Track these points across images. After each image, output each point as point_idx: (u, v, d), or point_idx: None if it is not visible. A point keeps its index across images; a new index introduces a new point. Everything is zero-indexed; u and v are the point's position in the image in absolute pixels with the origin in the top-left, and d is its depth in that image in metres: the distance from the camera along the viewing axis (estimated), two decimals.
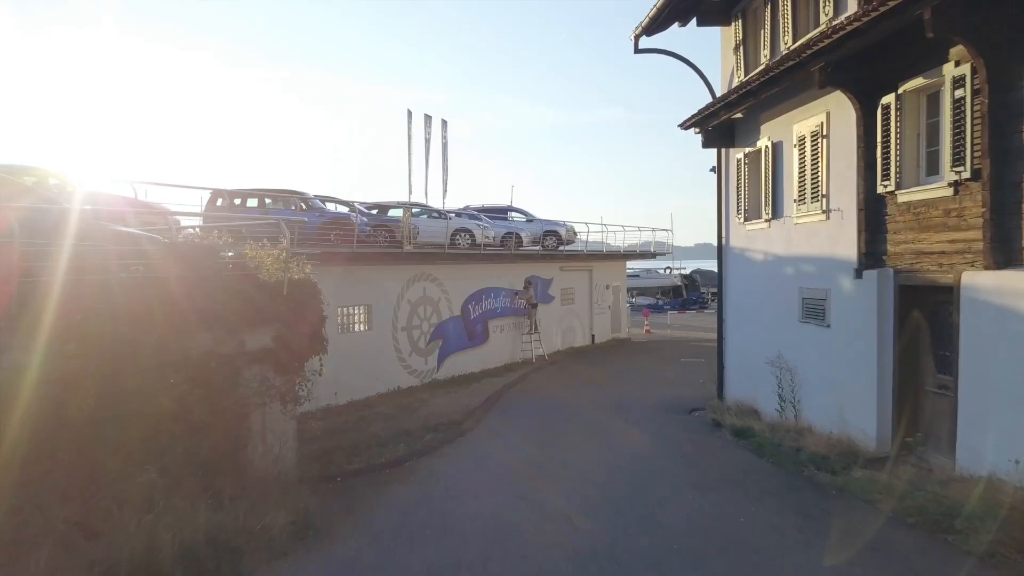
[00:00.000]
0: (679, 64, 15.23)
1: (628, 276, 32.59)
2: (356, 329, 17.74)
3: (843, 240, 10.20)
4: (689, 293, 44.72)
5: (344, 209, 18.86)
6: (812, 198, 10.94)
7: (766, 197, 12.39)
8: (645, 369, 21.42)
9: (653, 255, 31.10)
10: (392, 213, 20.80)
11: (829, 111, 10.51)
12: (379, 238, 18.79)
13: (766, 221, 12.44)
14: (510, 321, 23.23)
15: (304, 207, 17.41)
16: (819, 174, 10.76)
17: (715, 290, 50.56)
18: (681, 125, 14.01)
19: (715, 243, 32.52)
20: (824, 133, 10.61)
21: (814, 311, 10.98)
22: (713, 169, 51.40)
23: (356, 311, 17.78)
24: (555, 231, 24.80)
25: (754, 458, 10.19)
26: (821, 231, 10.79)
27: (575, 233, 25.62)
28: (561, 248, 25.13)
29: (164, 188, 17.12)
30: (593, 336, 27.69)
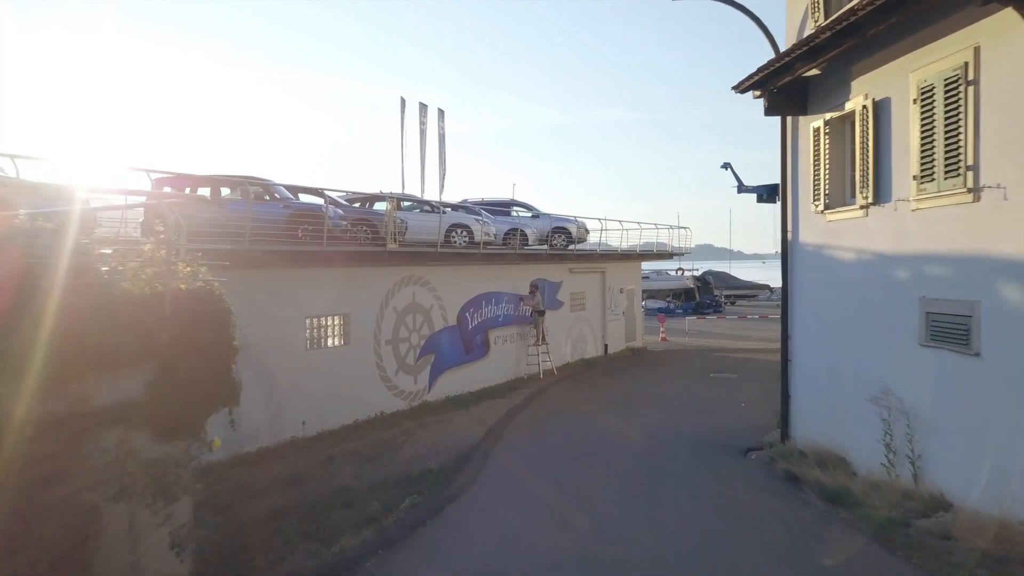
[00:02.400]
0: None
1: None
2: (329, 344, 14.40)
3: (1004, 230, 6.85)
4: (703, 296, 41.31)
5: (319, 200, 15.50)
6: (947, 172, 7.57)
7: (862, 176, 9.02)
8: (672, 387, 18.03)
9: (670, 255, 27.74)
10: (378, 207, 17.45)
11: (979, 44, 7.14)
12: (359, 235, 15.46)
13: (861, 208, 9.08)
14: (514, 331, 19.87)
15: (268, 198, 14.04)
16: (960, 137, 7.39)
17: (728, 292, 47.30)
18: (737, 88, 10.66)
19: (718, 244, 28.74)
20: (970, 77, 7.24)
21: (950, 332, 7.61)
22: (726, 165, 47.45)
23: (330, 322, 14.44)
24: (564, 228, 21.43)
25: (885, 555, 6.74)
26: (963, 218, 7.42)
27: (586, 231, 22.25)
28: (571, 247, 21.77)
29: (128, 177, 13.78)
30: (606, 346, 24.31)
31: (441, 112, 27.24)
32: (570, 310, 22.50)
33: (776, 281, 54.94)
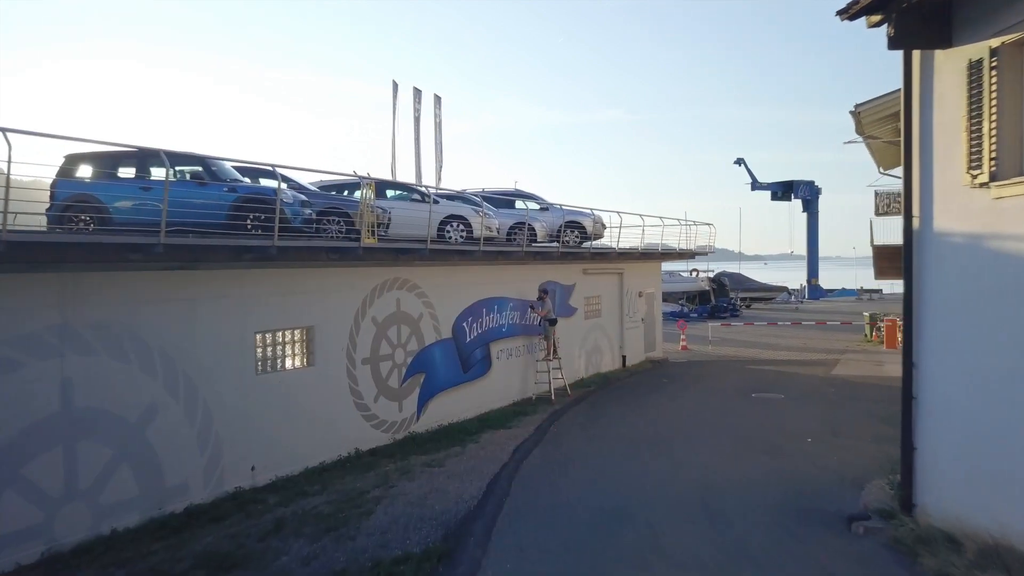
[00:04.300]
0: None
1: None
2: (287, 365, 11.09)
3: None
4: (718, 299, 37.90)
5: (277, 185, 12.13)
6: None
7: None
8: (711, 412, 14.65)
9: (692, 254, 24.38)
10: (359, 195, 14.09)
11: None
12: (330, 228, 12.18)
13: None
14: (520, 343, 16.54)
15: (207, 178, 10.70)
16: None
17: (745, 295, 43.82)
18: (846, 12, 7.31)
19: (719, 245, 24.88)
20: None
21: None
22: (739, 161, 43.67)
23: (288, 337, 11.13)
24: (578, 222, 18.04)
25: None
26: None
27: (603, 225, 18.88)
28: (585, 245, 18.42)
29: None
30: (624, 357, 20.95)
31: (438, 99, 23.95)
32: (584, 317, 19.16)
33: (791, 282, 51.35)
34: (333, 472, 10.91)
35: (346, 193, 14.37)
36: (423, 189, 14.72)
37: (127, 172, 10.81)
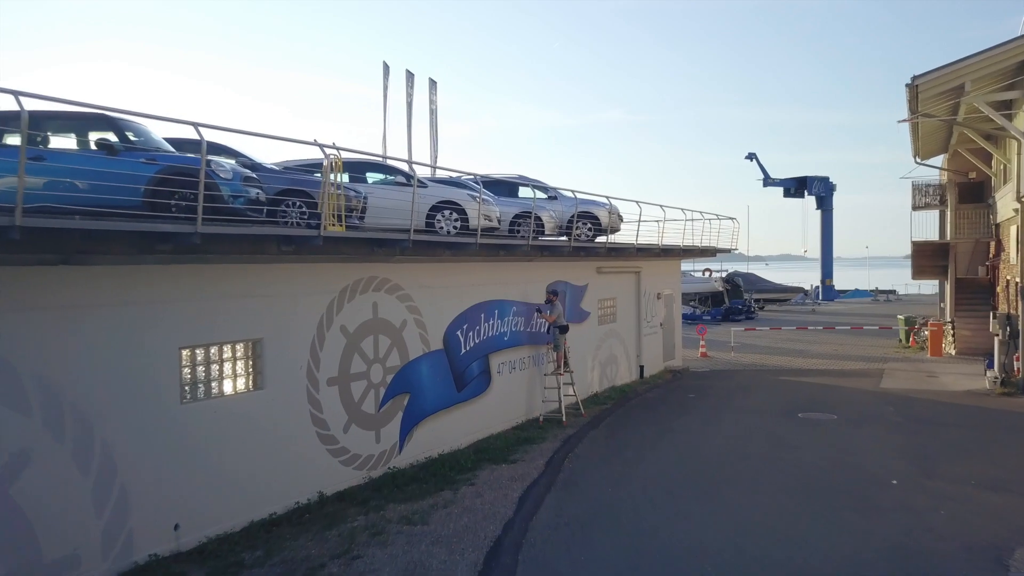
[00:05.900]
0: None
1: None
2: (226, 389, 8.39)
3: None
4: (732, 300, 35.18)
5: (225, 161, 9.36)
6: None
7: None
8: (756, 441, 11.89)
9: (715, 252, 21.67)
10: (334, 177, 11.30)
11: None
12: (290, 215, 9.48)
13: None
14: (525, 354, 13.84)
15: (118, 144, 7.97)
16: None
17: (759, 296, 41.03)
18: None
19: (721, 246, 21.93)
20: None
21: None
22: (750, 156, 40.63)
23: (227, 353, 8.42)
24: (591, 213, 15.30)
25: None
26: None
27: (620, 218, 16.15)
28: (599, 239, 15.70)
29: None
30: (642, 368, 18.25)
31: (433, 83, 21.45)
32: (598, 323, 16.47)
33: (804, 282, 48.63)
34: (284, 528, 8.23)
35: (318, 176, 11.66)
36: (406, 168, 12.02)
37: (14, 139, 8.15)
